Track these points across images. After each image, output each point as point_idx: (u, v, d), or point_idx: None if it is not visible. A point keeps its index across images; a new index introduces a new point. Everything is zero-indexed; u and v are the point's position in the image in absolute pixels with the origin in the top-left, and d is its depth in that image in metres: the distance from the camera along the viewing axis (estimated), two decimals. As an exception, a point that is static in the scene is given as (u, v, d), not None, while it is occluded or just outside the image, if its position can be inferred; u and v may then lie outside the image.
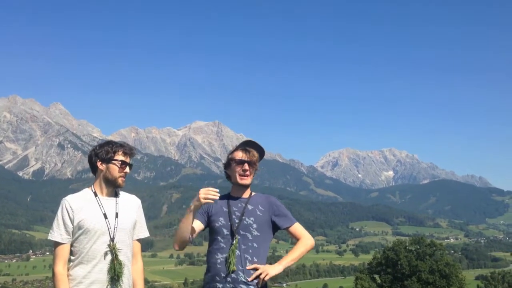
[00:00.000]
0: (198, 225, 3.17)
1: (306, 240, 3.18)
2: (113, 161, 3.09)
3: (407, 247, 33.08)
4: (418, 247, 32.86)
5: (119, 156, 3.11)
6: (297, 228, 3.23)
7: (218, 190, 3.00)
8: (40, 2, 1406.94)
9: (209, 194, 2.94)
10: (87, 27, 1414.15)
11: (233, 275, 2.97)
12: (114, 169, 3.09)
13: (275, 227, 3.23)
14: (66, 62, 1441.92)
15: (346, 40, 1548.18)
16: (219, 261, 3.03)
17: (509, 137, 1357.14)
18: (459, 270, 32.01)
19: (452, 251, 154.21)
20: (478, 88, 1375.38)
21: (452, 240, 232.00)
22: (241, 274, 2.99)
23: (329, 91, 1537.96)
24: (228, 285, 2.97)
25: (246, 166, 3.14)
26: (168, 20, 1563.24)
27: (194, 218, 3.10)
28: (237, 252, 3.03)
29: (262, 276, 2.98)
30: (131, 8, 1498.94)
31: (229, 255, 3.01)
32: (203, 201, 2.94)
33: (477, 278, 79.06)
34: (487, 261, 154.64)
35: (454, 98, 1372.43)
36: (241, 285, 2.97)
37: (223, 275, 2.99)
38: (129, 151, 3.17)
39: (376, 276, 32.55)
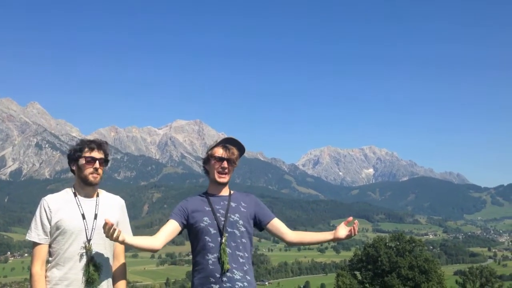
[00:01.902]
0: (175, 227, 3.02)
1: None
2: (81, 159, 3.06)
3: (387, 244, 33.57)
4: (398, 243, 33.37)
5: (86, 153, 3.06)
6: (279, 222, 3.18)
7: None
8: (16, 1, 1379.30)
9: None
10: (65, 27, 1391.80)
11: (228, 274, 2.88)
12: (83, 167, 3.04)
13: (255, 223, 3.17)
14: (44, 61, 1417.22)
15: (326, 38, 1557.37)
16: (211, 261, 2.92)
17: (486, 134, 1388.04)
18: (438, 265, 32.62)
19: (431, 247, 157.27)
20: (456, 86, 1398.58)
21: (431, 236, 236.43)
22: (236, 272, 2.91)
23: (310, 89, 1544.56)
24: (225, 285, 2.86)
25: (225, 164, 3.06)
26: (148, 20, 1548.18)
27: (170, 218, 3.04)
28: (228, 250, 2.94)
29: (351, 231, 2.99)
30: (109, 7, 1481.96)
31: (221, 254, 2.91)
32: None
33: (455, 273, 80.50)
34: (465, 257, 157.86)
35: (434, 96, 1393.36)
36: (237, 283, 2.89)
37: (217, 275, 2.88)
38: (95, 146, 3.09)
39: (357, 273, 32.99)
